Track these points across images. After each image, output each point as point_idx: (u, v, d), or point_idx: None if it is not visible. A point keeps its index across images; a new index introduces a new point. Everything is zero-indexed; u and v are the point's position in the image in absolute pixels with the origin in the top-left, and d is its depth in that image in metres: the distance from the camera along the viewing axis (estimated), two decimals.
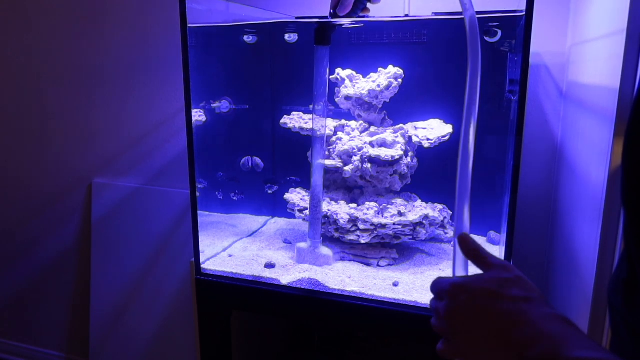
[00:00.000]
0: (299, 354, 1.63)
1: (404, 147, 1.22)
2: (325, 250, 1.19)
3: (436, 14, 1.16)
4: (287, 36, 1.37)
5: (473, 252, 0.58)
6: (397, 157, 1.18)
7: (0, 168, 1.97)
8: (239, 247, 1.31)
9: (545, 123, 1.32)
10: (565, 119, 1.26)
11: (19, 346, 2.12)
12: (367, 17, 1.08)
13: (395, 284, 1.09)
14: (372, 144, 1.23)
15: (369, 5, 1.02)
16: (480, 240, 1.32)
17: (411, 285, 1.09)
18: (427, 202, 1.26)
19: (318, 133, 1.18)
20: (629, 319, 0.50)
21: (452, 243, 0.61)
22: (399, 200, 1.25)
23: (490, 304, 0.49)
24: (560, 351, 0.43)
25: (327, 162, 1.25)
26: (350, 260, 1.21)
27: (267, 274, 1.15)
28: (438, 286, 0.56)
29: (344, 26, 1.16)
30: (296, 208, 1.28)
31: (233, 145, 1.50)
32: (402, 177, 1.25)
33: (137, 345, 1.81)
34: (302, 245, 1.21)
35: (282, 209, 1.40)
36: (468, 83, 0.66)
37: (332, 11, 1.03)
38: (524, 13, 0.88)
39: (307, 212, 1.24)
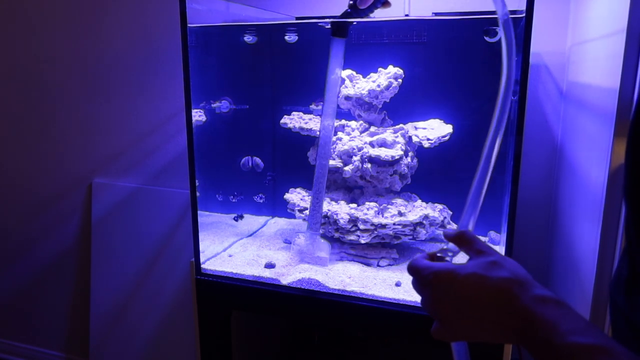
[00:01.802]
0: (299, 354, 1.63)
1: (404, 147, 1.22)
2: (323, 241, 1.19)
3: (436, 14, 1.16)
4: (287, 36, 1.37)
5: (457, 236, 0.56)
6: (397, 157, 1.18)
7: (1, 168, 1.97)
8: (239, 247, 1.31)
9: (545, 123, 1.32)
10: (565, 119, 1.26)
11: (19, 346, 2.12)
12: (371, 17, 1.07)
13: (398, 284, 1.09)
14: (372, 144, 1.23)
15: None
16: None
17: (411, 285, 1.09)
18: (427, 202, 1.26)
19: (327, 123, 1.16)
20: (630, 316, 0.50)
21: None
22: (399, 200, 1.25)
23: (478, 289, 0.48)
24: (554, 336, 0.42)
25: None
26: (350, 260, 1.21)
27: (267, 274, 1.15)
28: (418, 273, 0.55)
29: (361, 21, 1.12)
30: (296, 208, 1.28)
31: (233, 145, 1.50)
32: (402, 177, 1.25)
33: (137, 345, 1.81)
34: (300, 240, 1.21)
35: (282, 209, 1.40)
36: (501, 91, 0.64)
37: (351, 2, 1.00)
38: (524, 13, 0.88)
39: (307, 212, 1.24)
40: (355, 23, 1.12)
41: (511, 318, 0.45)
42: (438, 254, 0.60)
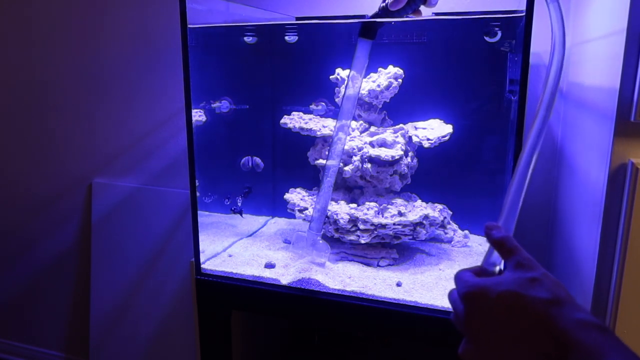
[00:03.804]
0: (299, 354, 1.63)
1: (404, 147, 1.22)
2: (322, 242, 1.19)
3: (436, 14, 1.16)
4: (287, 36, 1.38)
5: (499, 242, 0.53)
6: (397, 157, 1.18)
7: (1, 168, 1.97)
8: (239, 247, 1.31)
9: None
10: (565, 119, 1.26)
11: (19, 346, 2.12)
12: (368, 17, 1.07)
13: (399, 284, 1.09)
14: (372, 144, 1.23)
15: (421, 7, 0.99)
16: (480, 240, 1.32)
17: (411, 285, 1.09)
18: (427, 202, 1.26)
19: (344, 128, 1.17)
20: None
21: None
22: (399, 200, 1.25)
23: (513, 309, 0.44)
24: None
25: (327, 162, 1.25)
26: (350, 260, 1.21)
27: (267, 274, 1.15)
28: (457, 285, 0.51)
29: (361, 21, 1.12)
30: (296, 208, 1.28)
31: (233, 145, 1.50)
32: (402, 177, 1.25)
33: (137, 345, 1.81)
34: (300, 239, 1.21)
35: (282, 209, 1.40)
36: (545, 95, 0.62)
37: (383, 4, 1.00)
38: (524, 13, 0.88)
39: (307, 212, 1.24)
40: (383, 24, 1.10)
41: (547, 342, 0.42)
42: (483, 267, 0.55)
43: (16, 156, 1.93)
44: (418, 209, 1.22)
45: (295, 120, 1.31)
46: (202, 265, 1.19)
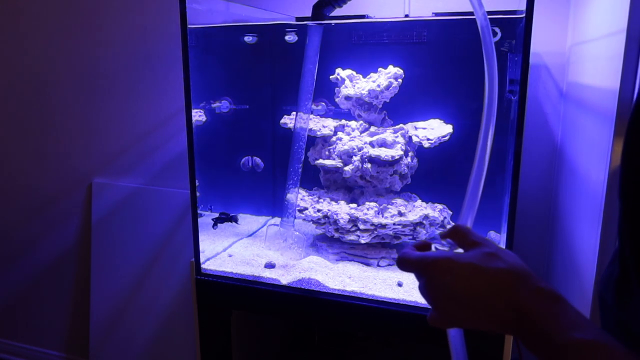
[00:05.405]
0: (299, 354, 1.63)
1: (404, 147, 1.22)
2: (298, 234, 1.20)
3: (436, 14, 1.16)
4: (287, 36, 1.37)
5: (451, 233, 0.56)
6: (397, 157, 1.18)
7: (1, 168, 1.97)
8: (239, 247, 1.31)
9: (545, 123, 1.32)
10: (565, 119, 1.26)
11: (19, 346, 2.12)
12: (368, 17, 1.07)
13: (400, 284, 1.09)
14: (372, 144, 1.23)
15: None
16: None
17: (412, 285, 1.09)
18: (427, 202, 1.26)
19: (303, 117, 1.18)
20: (621, 316, 0.50)
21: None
22: (399, 200, 1.25)
23: (475, 280, 0.47)
24: (553, 330, 0.41)
25: (327, 162, 1.25)
26: (350, 260, 1.21)
27: (267, 274, 1.15)
28: (412, 265, 0.53)
29: (361, 21, 1.13)
30: (296, 208, 1.28)
31: (233, 145, 1.50)
32: (402, 177, 1.25)
33: (137, 345, 1.81)
34: (275, 227, 1.22)
35: (282, 209, 1.40)
36: (487, 87, 0.66)
37: None
38: (524, 13, 0.88)
39: (307, 212, 1.24)
40: (328, 6, 1.13)
41: (507, 310, 0.45)
42: (427, 240, 0.59)
43: (17, 156, 1.93)
44: (418, 209, 1.22)
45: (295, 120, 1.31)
46: (202, 265, 1.19)
